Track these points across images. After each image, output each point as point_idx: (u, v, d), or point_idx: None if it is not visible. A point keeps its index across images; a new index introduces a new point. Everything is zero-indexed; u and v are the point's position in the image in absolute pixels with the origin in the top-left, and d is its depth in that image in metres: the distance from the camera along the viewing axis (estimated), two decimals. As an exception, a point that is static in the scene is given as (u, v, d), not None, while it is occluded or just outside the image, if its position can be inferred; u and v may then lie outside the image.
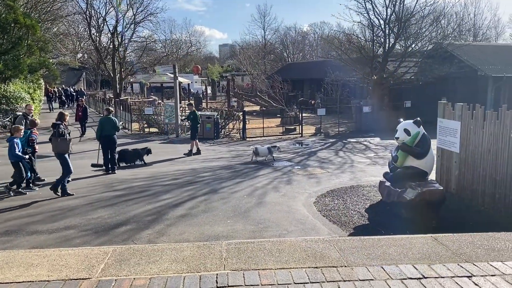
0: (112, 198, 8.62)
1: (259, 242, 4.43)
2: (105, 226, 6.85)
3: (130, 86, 48.69)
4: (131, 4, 28.43)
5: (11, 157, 8.99)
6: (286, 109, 23.72)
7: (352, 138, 18.49)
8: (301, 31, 70.84)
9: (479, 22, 55.36)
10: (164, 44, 46.13)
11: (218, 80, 58.39)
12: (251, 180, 10.22)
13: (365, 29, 23.20)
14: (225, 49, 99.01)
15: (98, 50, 29.30)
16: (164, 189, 9.37)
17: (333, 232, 6.53)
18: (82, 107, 19.89)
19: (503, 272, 3.63)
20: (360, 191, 8.95)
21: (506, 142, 6.60)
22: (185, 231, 6.55)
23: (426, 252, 4.10)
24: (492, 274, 3.59)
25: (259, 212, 7.57)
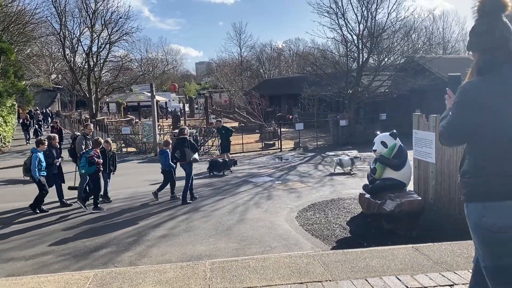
0: (90, 220, 8.44)
1: (243, 260, 4.41)
2: (85, 250, 6.68)
3: (106, 106, 48.17)
4: (106, 24, 28.29)
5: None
6: (265, 124, 23.87)
7: (330, 151, 18.69)
8: (276, 48, 71.87)
9: (448, 36, 57.32)
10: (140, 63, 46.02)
11: (195, 97, 58.38)
12: (232, 197, 10.18)
13: (339, 44, 23.81)
14: (202, 66, 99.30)
15: (73, 71, 28.94)
16: (144, 209, 9.23)
17: (316, 246, 6.54)
18: (57, 128, 19.53)
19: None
20: (340, 204, 9.02)
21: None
22: (167, 252, 6.45)
23: (408, 262, 4.15)
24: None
25: (241, 229, 7.53)
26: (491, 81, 2.29)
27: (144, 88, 28.22)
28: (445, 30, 56.85)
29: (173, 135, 19.18)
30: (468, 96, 2.31)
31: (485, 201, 2.26)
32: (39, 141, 9.29)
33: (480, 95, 2.27)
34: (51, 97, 55.11)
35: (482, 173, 2.32)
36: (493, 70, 2.31)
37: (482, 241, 2.30)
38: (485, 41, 2.35)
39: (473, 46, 2.45)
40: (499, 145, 2.27)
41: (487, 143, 2.30)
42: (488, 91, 2.27)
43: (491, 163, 2.29)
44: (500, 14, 2.34)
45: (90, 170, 9.25)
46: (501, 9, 2.33)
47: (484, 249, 2.30)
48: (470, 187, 2.36)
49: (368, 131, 18.73)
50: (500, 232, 2.21)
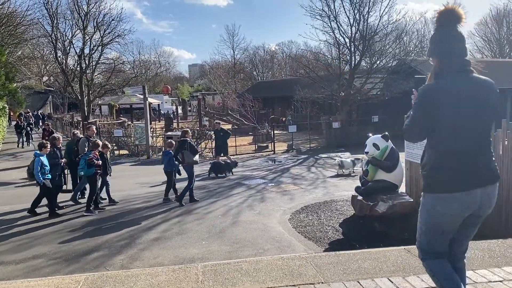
0: (82, 224, 8.37)
1: (236, 263, 4.40)
2: (76, 253, 6.63)
3: (98, 108, 47.92)
4: (98, 26, 28.14)
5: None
6: (258, 127, 23.88)
7: (323, 153, 18.75)
8: (269, 50, 72.06)
9: (439, 39, 57.66)
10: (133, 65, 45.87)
11: (188, 99, 58.29)
12: (226, 199, 10.16)
13: (331, 47, 23.92)
14: (195, 69, 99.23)
15: (65, 73, 28.72)
16: (136, 212, 9.18)
17: (309, 248, 6.55)
18: (49, 131, 19.39)
19: (474, 281, 3.74)
20: (333, 206, 9.04)
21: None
22: (159, 255, 6.42)
23: (400, 264, 4.17)
24: (464, 283, 3.68)
25: (234, 231, 7.52)
26: (445, 84, 2.57)
27: (136, 90, 28.11)
28: (436, 33, 57.23)
29: (166, 137, 19.14)
30: (425, 97, 2.59)
31: (439, 192, 2.57)
32: (42, 145, 9.23)
33: (436, 96, 2.54)
34: (42, 100, 54.72)
35: (436, 167, 2.60)
36: (447, 75, 2.60)
37: (429, 223, 2.68)
38: (441, 48, 2.66)
39: (432, 53, 2.75)
40: (451, 142, 2.54)
41: (441, 140, 2.57)
42: (443, 93, 2.54)
43: (444, 158, 2.57)
44: (455, 25, 2.65)
45: (89, 172, 9.22)
46: (456, 20, 2.64)
47: (432, 225, 2.67)
48: (427, 179, 2.65)
49: (360, 133, 18.79)
50: (448, 217, 2.58)
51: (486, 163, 2.59)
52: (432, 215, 2.65)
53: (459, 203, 2.54)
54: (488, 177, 2.58)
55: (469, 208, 2.56)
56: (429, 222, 2.69)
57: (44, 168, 8.90)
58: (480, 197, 2.56)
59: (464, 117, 2.52)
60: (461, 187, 2.52)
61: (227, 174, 13.79)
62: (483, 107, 2.56)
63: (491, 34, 53.68)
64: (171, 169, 10.17)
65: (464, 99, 2.53)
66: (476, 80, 2.62)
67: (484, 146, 2.60)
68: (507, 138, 6.04)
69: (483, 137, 2.59)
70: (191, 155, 9.88)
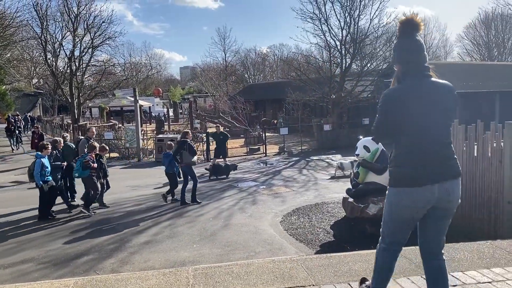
0: (72, 228, 8.29)
1: (227, 266, 4.38)
2: (66, 257, 6.56)
3: (89, 111, 47.57)
4: (89, 28, 27.94)
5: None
6: (249, 129, 23.88)
7: (314, 156, 18.80)
8: (261, 53, 72.06)
9: (429, 42, 58.30)
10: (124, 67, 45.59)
11: (180, 102, 58.11)
12: (217, 202, 10.14)
13: (322, 50, 24.05)
14: (186, 71, 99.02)
15: (55, 75, 28.45)
16: (127, 216, 9.12)
17: (300, 250, 6.55)
18: (38, 134, 19.20)
19: (464, 282, 3.76)
20: (324, 208, 9.06)
21: (459, 155, 6.90)
22: (150, 258, 6.38)
23: (390, 266, 4.18)
24: (453, 285, 3.71)
25: (225, 234, 7.50)
26: (406, 87, 2.81)
27: (127, 93, 27.81)
28: (426, 36, 57.82)
29: (157, 140, 19.07)
30: (387, 100, 2.82)
31: (401, 187, 2.80)
32: (43, 146, 9.20)
33: (397, 99, 2.79)
34: (32, 102, 54.17)
35: (400, 164, 2.82)
36: (407, 79, 2.82)
37: (392, 215, 2.91)
38: (401, 56, 2.88)
39: (394, 59, 2.97)
40: (411, 141, 2.77)
41: (404, 139, 2.80)
42: (403, 96, 2.78)
43: (405, 155, 2.80)
44: (414, 33, 2.87)
45: (84, 174, 9.22)
46: (414, 29, 2.86)
47: (393, 217, 2.92)
48: (392, 174, 2.90)
49: (351, 136, 18.89)
50: (407, 209, 2.80)
51: (445, 160, 2.78)
52: (395, 207, 2.86)
53: (419, 197, 2.74)
54: (447, 173, 2.77)
55: (428, 201, 2.75)
56: (391, 213, 2.91)
57: (44, 170, 8.86)
58: (438, 191, 2.74)
59: (423, 118, 2.73)
60: (420, 182, 2.72)
61: (227, 176, 13.86)
62: (441, 109, 2.76)
63: (480, 37, 54.30)
64: (172, 171, 10.28)
65: (422, 101, 2.74)
66: (434, 84, 2.81)
67: (442, 145, 2.79)
68: (496, 140, 6.10)
69: (442, 137, 2.79)
70: (189, 156, 10.00)
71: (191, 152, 10.09)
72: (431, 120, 2.74)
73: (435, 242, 2.95)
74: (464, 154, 6.79)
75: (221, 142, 15.45)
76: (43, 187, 8.82)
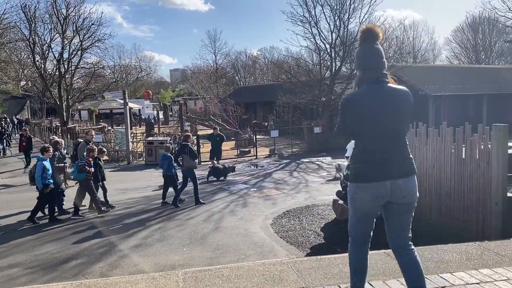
0: (61, 232, 8.20)
1: (217, 269, 4.37)
2: (54, 262, 6.49)
3: (78, 113, 47.16)
4: (78, 30, 27.72)
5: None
6: (240, 131, 23.86)
7: (305, 158, 18.84)
8: (251, 56, 72.14)
9: (417, 45, 58.98)
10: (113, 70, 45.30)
11: (170, 104, 57.85)
12: (208, 205, 10.11)
13: (312, 53, 24.13)
14: (176, 73, 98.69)
15: (43, 77, 28.20)
16: (116, 219, 9.05)
17: (290, 253, 6.56)
18: (26, 137, 18.97)
19: (452, 283, 3.79)
20: (315, 210, 9.09)
21: (448, 157, 6.99)
22: (140, 262, 6.34)
23: (380, 268, 4.21)
24: (442, 286, 3.74)
25: (216, 237, 7.47)
26: (362, 92, 3.04)
27: (116, 95, 27.69)
28: (415, 40, 58.51)
29: (146, 143, 18.97)
30: (345, 104, 3.07)
31: (358, 182, 3.03)
32: (44, 149, 9.16)
33: (353, 103, 3.03)
34: (20, 105, 53.48)
35: (357, 162, 3.05)
36: (365, 84, 3.04)
37: (354, 208, 3.13)
38: (361, 63, 3.09)
39: (356, 66, 3.22)
40: (367, 141, 3.00)
41: (360, 139, 3.05)
42: (359, 100, 3.02)
43: (362, 154, 3.03)
44: (374, 42, 3.06)
45: (80, 176, 9.23)
46: (374, 38, 3.06)
47: (354, 212, 3.16)
48: (352, 171, 3.10)
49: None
50: (364, 203, 3.03)
51: (398, 160, 2.99)
52: (354, 201, 3.09)
53: (372, 192, 2.97)
54: (399, 171, 2.98)
55: (382, 196, 2.97)
56: (353, 208, 3.14)
57: (46, 173, 8.81)
58: (391, 188, 2.96)
59: (377, 120, 2.94)
60: (374, 179, 2.95)
61: (225, 178, 13.86)
62: (395, 113, 2.98)
63: (468, 41, 55.04)
64: (171, 173, 10.30)
65: (377, 105, 2.95)
66: (390, 89, 3.02)
67: (396, 146, 3.00)
68: (483, 143, 6.17)
69: (395, 138, 3.00)
70: (190, 159, 10.11)
71: (192, 155, 10.18)
72: (385, 123, 2.95)
73: (400, 237, 3.14)
74: (452, 156, 6.86)
75: (217, 143, 15.50)
76: (44, 190, 8.78)
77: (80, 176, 9.21)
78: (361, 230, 3.18)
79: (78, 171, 9.20)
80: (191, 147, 10.34)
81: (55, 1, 26.80)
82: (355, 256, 3.22)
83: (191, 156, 10.15)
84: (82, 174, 9.18)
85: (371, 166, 2.97)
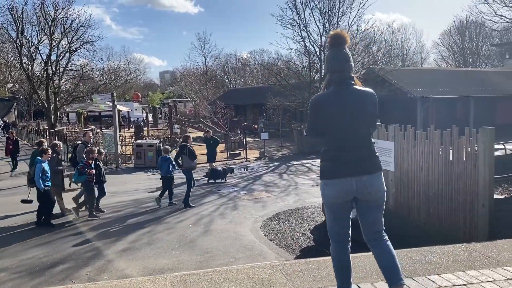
0: (47, 236, 8.10)
1: (205, 273, 4.34)
2: (41, 266, 6.40)
3: (66, 116, 46.72)
4: (66, 32, 27.46)
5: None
6: (230, 134, 23.84)
7: (295, 160, 18.88)
8: (241, 58, 72.23)
9: (406, 48, 59.56)
10: (102, 72, 44.99)
11: (159, 107, 57.61)
12: (197, 208, 10.06)
13: (302, 56, 24.17)
14: (166, 76, 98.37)
15: (31, 80, 27.87)
16: (105, 223, 8.96)
17: (280, 256, 6.56)
18: (13, 140, 18.71)
19: (440, 285, 3.82)
20: (304, 213, 9.10)
21: (436, 159, 7.05)
22: (128, 266, 6.28)
23: (368, 270, 4.22)
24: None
25: (205, 240, 7.44)
26: (329, 94, 3.18)
27: (105, 98, 27.36)
28: (404, 43, 59.10)
29: (135, 145, 18.84)
30: (312, 104, 3.25)
31: (325, 179, 3.19)
32: (43, 151, 9.08)
33: (321, 103, 3.20)
34: (7, 107, 52.77)
35: (325, 159, 3.22)
36: (332, 86, 3.18)
37: (325, 204, 3.28)
38: (329, 66, 3.23)
39: (325, 69, 3.42)
40: (332, 141, 3.16)
41: (326, 138, 3.20)
42: (325, 101, 3.18)
43: (328, 153, 3.20)
44: (341, 46, 3.20)
45: (80, 179, 9.29)
46: (342, 43, 3.19)
47: (326, 210, 3.31)
48: (320, 168, 3.28)
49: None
50: (332, 199, 3.18)
51: (363, 157, 3.13)
52: (324, 197, 3.24)
53: (337, 188, 3.11)
54: (364, 168, 3.11)
55: (347, 192, 3.11)
56: (326, 207, 3.29)
57: (45, 175, 8.73)
58: (356, 185, 3.09)
59: (341, 121, 3.09)
60: (337, 175, 3.11)
61: (225, 179, 13.95)
62: (360, 113, 3.11)
63: (455, 44, 55.75)
64: (170, 175, 10.37)
65: (342, 106, 3.09)
66: (356, 91, 3.15)
67: (361, 144, 3.15)
68: (470, 145, 6.24)
69: (359, 138, 3.15)
70: (189, 160, 10.28)
71: (191, 156, 10.28)
72: (350, 123, 3.10)
73: (371, 232, 3.28)
74: (440, 158, 6.92)
75: (211, 146, 15.57)
76: (45, 192, 8.72)
77: (81, 178, 9.27)
78: (338, 229, 3.28)
79: (78, 174, 9.27)
80: (190, 148, 10.44)
81: (43, 2, 26.53)
82: (336, 257, 3.31)
83: (190, 157, 10.27)
84: (82, 176, 9.23)
85: (337, 164, 3.12)
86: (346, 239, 3.30)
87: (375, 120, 3.26)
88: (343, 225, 3.27)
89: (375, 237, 3.27)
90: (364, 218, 3.27)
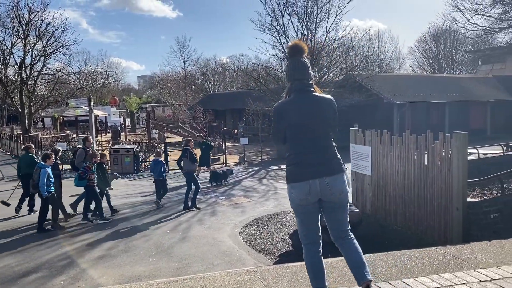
0: (20, 243, 7.86)
1: (182, 280, 4.29)
2: (12, 275, 6.21)
3: (41, 121, 45.69)
4: (41, 36, 26.93)
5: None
6: (209, 139, 23.71)
7: (274, 165, 18.91)
8: (221, 63, 72.08)
9: (382, 54, 60.48)
10: (79, 76, 44.24)
11: (137, 111, 56.93)
12: (175, 214, 9.95)
13: (281, 61, 24.24)
14: (144, 80, 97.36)
15: (4, 84, 27.21)
16: (80, 230, 8.77)
17: (258, 261, 6.53)
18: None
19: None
20: (284, 218, 9.11)
21: (411, 164, 7.17)
22: (104, 274, 6.15)
23: (345, 274, 4.24)
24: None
25: (183, 247, 7.36)
26: (289, 101, 3.32)
27: (81, 102, 26.85)
28: (380, 49, 60.00)
29: (112, 151, 18.54)
30: (274, 112, 3.37)
31: (290, 182, 3.28)
32: (46, 156, 8.93)
33: (282, 110, 3.31)
34: (-21, 112, 51.29)
35: (289, 164, 3.32)
36: (293, 94, 3.32)
37: (293, 208, 3.38)
38: (289, 74, 3.38)
39: (286, 77, 3.48)
40: (294, 145, 3.29)
41: (289, 143, 3.32)
42: (287, 107, 3.31)
43: (291, 157, 3.30)
44: (300, 55, 3.34)
45: (80, 183, 9.28)
46: (300, 52, 3.35)
47: (295, 214, 3.42)
48: (286, 173, 3.37)
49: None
50: (298, 201, 3.25)
51: (323, 160, 3.24)
52: (291, 201, 3.32)
53: (303, 190, 3.20)
54: (326, 170, 3.21)
55: (312, 194, 3.20)
56: (292, 208, 3.39)
57: (49, 180, 8.59)
58: (319, 186, 3.19)
59: (302, 126, 3.23)
60: (302, 178, 3.20)
61: (226, 181, 14.31)
62: (320, 118, 3.26)
63: (430, 51, 56.99)
64: (162, 177, 10.64)
65: (302, 112, 3.24)
66: (315, 98, 3.30)
67: (322, 147, 3.28)
68: (444, 150, 6.37)
69: (321, 141, 3.28)
70: (190, 163, 10.55)
71: (192, 159, 10.56)
72: (311, 128, 3.24)
73: (337, 231, 3.35)
74: (415, 163, 7.04)
75: (203, 151, 15.45)
76: (49, 198, 8.58)
77: (82, 183, 9.30)
78: (306, 232, 3.36)
79: (78, 179, 9.32)
80: (191, 151, 10.65)
81: (17, 5, 26.01)
82: (308, 260, 3.35)
83: (191, 160, 10.52)
84: (83, 181, 9.26)
85: (301, 167, 3.22)
86: (315, 241, 3.36)
87: (335, 124, 3.40)
88: (311, 227, 3.34)
89: (342, 236, 3.35)
90: (330, 219, 3.35)
